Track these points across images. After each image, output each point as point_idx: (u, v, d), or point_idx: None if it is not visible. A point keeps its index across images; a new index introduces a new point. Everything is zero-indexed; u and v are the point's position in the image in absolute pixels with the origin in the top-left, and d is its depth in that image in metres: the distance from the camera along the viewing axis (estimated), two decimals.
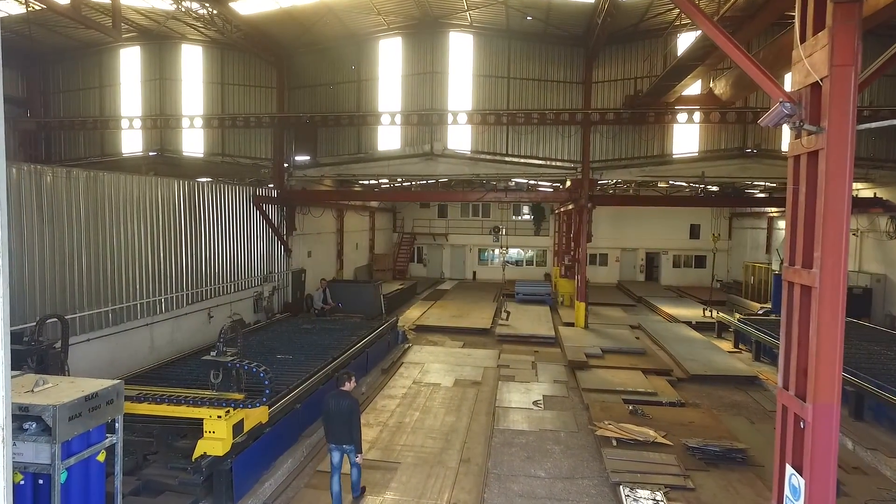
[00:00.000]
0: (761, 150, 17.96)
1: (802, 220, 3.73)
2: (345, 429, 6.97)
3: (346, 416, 6.96)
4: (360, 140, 20.11)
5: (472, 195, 19.67)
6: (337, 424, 7.01)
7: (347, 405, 7.01)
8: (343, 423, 6.96)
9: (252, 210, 17.51)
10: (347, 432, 6.97)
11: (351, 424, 6.95)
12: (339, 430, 7.01)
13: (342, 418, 6.96)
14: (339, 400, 7.09)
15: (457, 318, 19.93)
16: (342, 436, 7.01)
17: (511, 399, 11.97)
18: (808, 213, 3.67)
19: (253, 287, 17.61)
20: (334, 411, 7.02)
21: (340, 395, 7.19)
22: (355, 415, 7.01)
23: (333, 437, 7.09)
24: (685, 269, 33.36)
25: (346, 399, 7.10)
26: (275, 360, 11.31)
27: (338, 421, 6.99)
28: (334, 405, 7.06)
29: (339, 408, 7.01)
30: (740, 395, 12.74)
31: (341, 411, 6.98)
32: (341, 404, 7.03)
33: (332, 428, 7.07)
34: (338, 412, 6.99)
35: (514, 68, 19.03)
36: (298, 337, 13.62)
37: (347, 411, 6.97)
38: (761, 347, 15.44)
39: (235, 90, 20.51)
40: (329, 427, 7.12)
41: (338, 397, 7.14)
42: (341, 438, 7.03)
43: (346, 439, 7.01)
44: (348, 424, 6.95)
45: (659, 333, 17.87)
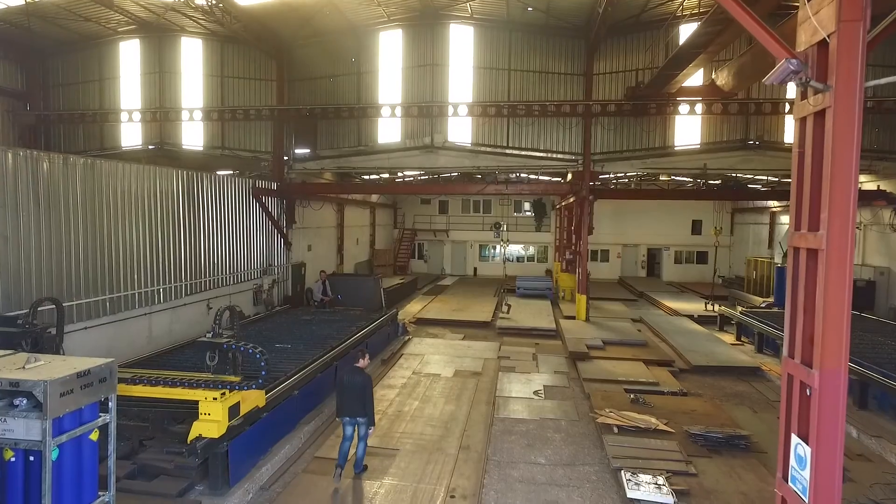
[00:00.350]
0: (764, 141, 17.84)
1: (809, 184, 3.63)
2: (357, 403, 7.28)
3: (360, 390, 7.28)
4: (360, 133, 20.03)
5: (473, 187, 19.55)
6: (350, 399, 7.32)
7: (360, 381, 7.34)
8: (356, 398, 7.28)
9: (252, 202, 17.44)
10: (360, 406, 7.28)
11: (364, 399, 7.26)
12: (352, 404, 7.33)
13: (355, 393, 7.29)
14: (353, 376, 7.44)
15: (457, 312, 19.85)
16: (355, 410, 7.33)
17: (511, 389, 11.88)
18: (814, 175, 3.57)
19: (252, 279, 17.54)
20: (348, 386, 7.36)
21: (354, 371, 7.54)
22: (368, 390, 7.32)
23: (346, 411, 7.40)
24: (687, 265, 33.22)
25: (359, 375, 7.43)
26: (273, 349, 11.21)
27: (351, 395, 7.31)
28: (348, 380, 7.42)
29: (352, 383, 7.35)
30: (743, 385, 12.62)
31: (354, 386, 7.31)
32: (354, 380, 7.37)
33: (346, 402, 7.38)
34: (351, 387, 7.33)
35: (515, 60, 18.93)
36: (298, 327, 13.54)
37: (360, 386, 7.29)
38: (764, 339, 15.32)
39: (235, 83, 20.45)
40: (342, 401, 7.43)
41: (351, 373, 7.50)
42: (354, 412, 7.35)
43: (358, 413, 7.32)
44: (361, 399, 7.26)
45: (661, 326, 17.76)
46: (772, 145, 17.93)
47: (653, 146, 18.40)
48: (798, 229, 3.73)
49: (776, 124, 17.90)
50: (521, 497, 7.24)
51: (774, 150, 17.87)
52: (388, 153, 19.37)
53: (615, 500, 7.14)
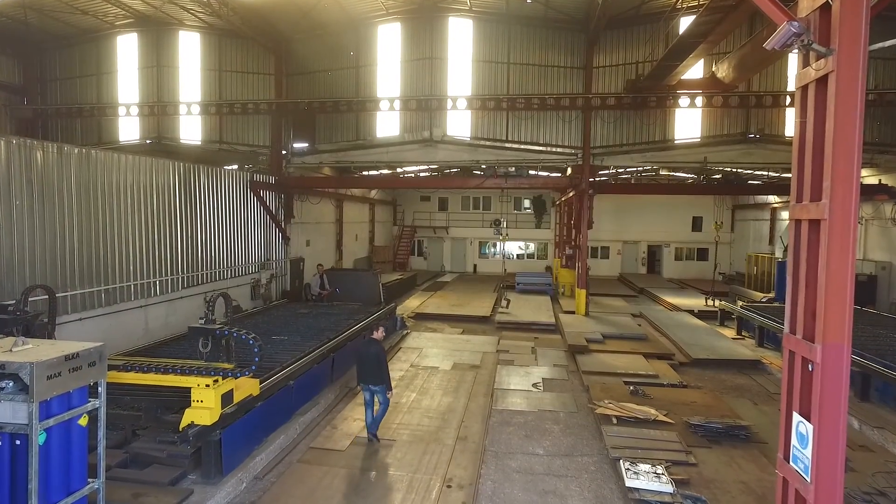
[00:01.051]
0: (764, 135, 17.73)
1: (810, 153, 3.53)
2: (374, 371, 8.05)
3: (375, 360, 8.06)
4: (358, 127, 19.93)
5: (471, 181, 19.46)
6: (367, 367, 8.12)
7: (375, 351, 8.12)
8: (372, 366, 8.06)
9: (249, 196, 17.35)
10: (377, 374, 8.05)
11: (380, 367, 8.04)
12: (369, 372, 8.12)
13: (371, 362, 8.07)
14: (369, 346, 8.26)
15: (457, 307, 19.75)
16: (372, 377, 8.09)
17: (510, 382, 11.78)
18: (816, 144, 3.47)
19: (250, 273, 17.45)
20: (364, 356, 8.18)
21: (370, 342, 8.36)
22: (382, 358, 8.13)
23: (364, 378, 8.20)
24: (687, 261, 33.10)
25: (374, 346, 8.22)
26: (270, 341, 11.14)
27: (368, 364, 8.11)
28: (364, 350, 8.26)
29: (368, 353, 8.16)
30: (743, 378, 12.52)
31: (370, 356, 8.11)
32: (370, 350, 8.17)
33: (363, 370, 8.19)
34: (367, 356, 8.14)
35: (515, 53, 18.83)
36: (295, 320, 13.45)
37: (375, 356, 8.08)
38: (765, 333, 15.22)
39: (233, 77, 20.36)
40: (360, 370, 8.26)
41: (367, 344, 8.35)
42: (371, 380, 8.11)
43: (375, 380, 8.08)
44: (377, 367, 8.04)
45: (661, 321, 17.65)
46: (773, 139, 17.81)
47: (653, 140, 18.30)
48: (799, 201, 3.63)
49: (777, 118, 17.78)
50: (518, 487, 7.14)
51: (776, 143, 17.75)
52: (387, 147, 19.27)
53: (614, 490, 7.04)
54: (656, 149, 18.22)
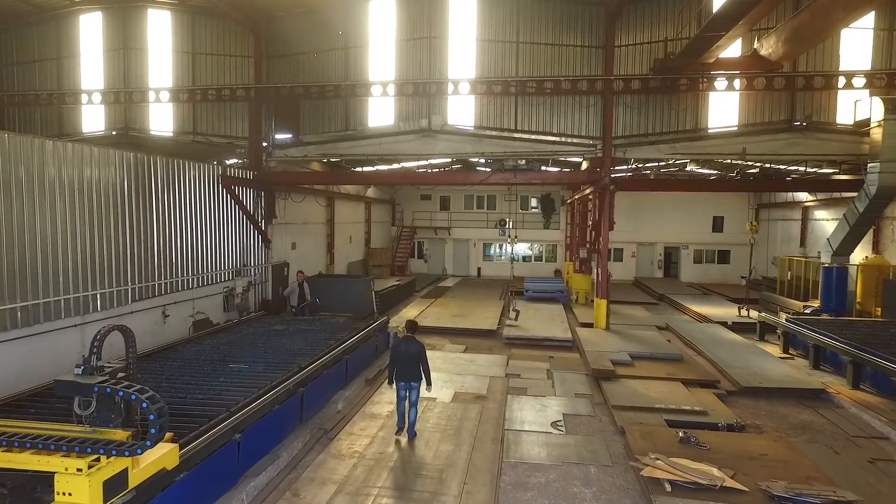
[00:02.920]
0: (812, 122, 15.44)
1: None
2: (413, 369, 8.35)
3: (416, 358, 8.34)
4: (347, 115, 17.74)
5: (476, 176, 17.21)
6: (406, 366, 8.36)
7: (416, 349, 8.39)
8: (412, 364, 8.34)
9: (222, 194, 15.18)
10: (415, 372, 8.36)
11: (421, 365, 8.37)
12: (407, 370, 8.37)
13: (412, 360, 8.33)
14: (409, 345, 8.42)
15: (459, 318, 17.53)
16: (411, 375, 8.38)
17: (523, 419, 9.57)
18: None
19: (223, 282, 15.26)
20: (405, 354, 8.37)
21: (409, 340, 8.50)
22: (424, 356, 8.43)
23: (403, 376, 8.41)
24: (707, 264, 30.84)
25: (414, 344, 8.43)
26: (224, 371, 8.98)
27: (408, 363, 8.34)
28: (404, 349, 8.41)
29: (408, 351, 8.37)
30: (808, 413, 10.27)
31: (411, 354, 8.35)
32: (410, 348, 8.39)
33: (402, 369, 8.40)
34: (408, 355, 8.34)
35: (524, 32, 16.59)
36: (265, 340, 11.27)
37: (416, 354, 8.36)
38: (821, 353, 12.96)
39: (208, 60, 18.19)
40: (399, 368, 8.43)
41: (407, 342, 8.47)
42: (410, 377, 8.38)
43: (414, 377, 8.37)
44: (416, 365, 8.35)
45: (692, 335, 15.41)
46: (822, 127, 15.50)
47: (683, 129, 16.03)
48: None
49: (828, 102, 15.50)
50: None
51: (826, 131, 15.46)
52: (380, 138, 17.05)
53: None
54: (687, 139, 15.94)
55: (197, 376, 8.68)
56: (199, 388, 8.05)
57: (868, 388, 11.31)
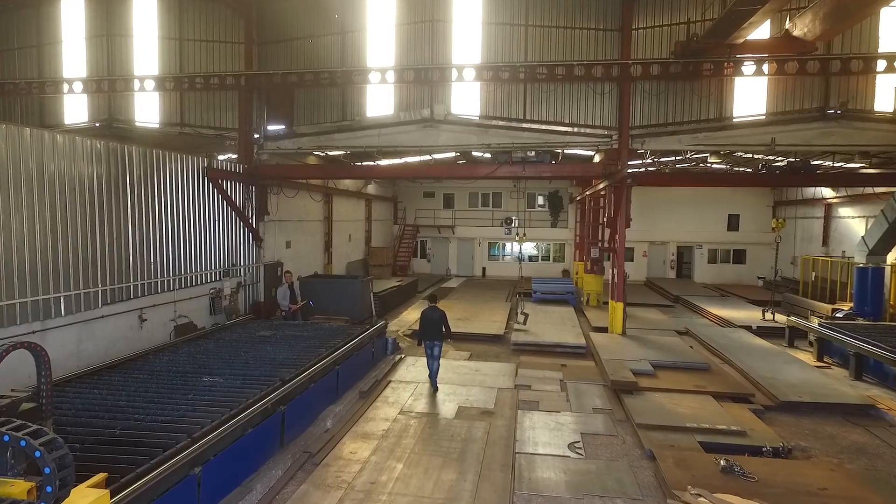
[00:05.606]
0: (847, 110, 14.19)
1: None
2: (435, 330, 10.51)
3: (438, 322, 10.56)
4: (344, 104, 16.63)
5: (482, 170, 16.03)
6: (431, 328, 10.53)
7: (439, 315, 10.59)
8: (435, 327, 10.52)
9: (209, 188, 14.09)
10: (437, 333, 10.51)
11: (443, 327, 10.57)
12: (431, 332, 10.53)
13: (435, 325, 10.54)
14: (432, 312, 10.64)
15: (463, 322, 16.37)
16: (434, 335, 10.51)
17: (537, 439, 8.42)
18: None
19: (209, 283, 14.16)
20: (429, 319, 10.59)
21: (432, 309, 10.72)
22: (445, 321, 10.63)
23: (427, 336, 10.56)
24: (722, 264, 29.56)
25: (437, 312, 10.65)
26: (196, 386, 7.86)
27: (432, 326, 10.53)
28: (430, 315, 10.62)
29: (432, 317, 10.58)
30: (859, 433, 9.07)
31: (434, 319, 10.57)
32: (434, 315, 10.60)
33: (427, 330, 10.55)
34: (432, 319, 10.57)
35: (534, 14, 15.43)
36: (248, 348, 10.18)
37: (438, 319, 10.56)
38: (863, 362, 11.75)
39: (196, 47, 17.10)
40: (424, 330, 10.58)
41: (431, 311, 10.68)
42: (433, 337, 10.52)
43: (436, 337, 10.50)
44: (438, 328, 10.53)
45: (716, 341, 14.22)
46: (860, 114, 14.25)
47: (706, 118, 14.82)
48: None
49: (865, 87, 14.26)
50: None
51: (863, 119, 14.21)
52: (379, 128, 15.91)
53: None
54: (710, 129, 14.72)
55: (163, 392, 7.58)
56: (162, 407, 6.94)
57: None
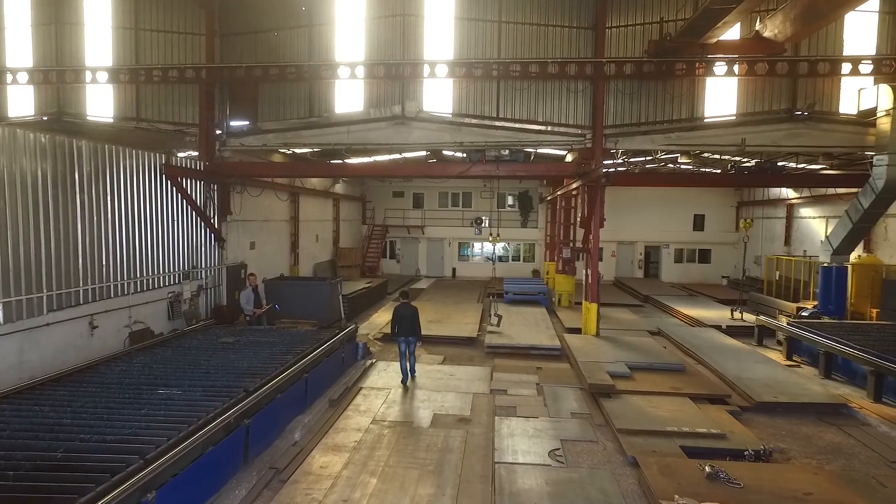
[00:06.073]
0: (815, 112, 14.40)
1: None
2: (410, 327, 10.72)
3: (411, 318, 10.78)
4: (312, 100, 16.04)
5: (455, 168, 15.68)
6: (405, 324, 10.72)
7: (411, 312, 10.84)
8: (409, 324, 10.73)
9: (167, 186, 13.32)
10: (411, 329, 10.73)
11: (414, 324, 10.78)
12: (405, 328, 10.71)
13: (408, 321, 10.74)
14: (405, 309, 10.84)
15: (435, 324, 15.99)
16: (408, 331, 10.70)
17: (516, 448, 8.11)
18: None
19: (168, 286, 13.40)
20: (403, 315, 10.77)
21: (405, 305, 10.90)
22: (417, 317, 10.88)
23: (401, 332, 10.73)
24: (688, 264, 30.05)
25: (409, 308, 10.88)
26: (150, 400, 7.26)
27: (405, 322, 10.73)
28: (403, 312, 10.80)
29: (406, 313, 10.78)
30: (833, 432, 9.09)
31: (407, 315, 10.77)
32: (407, 311, 10.81)
33: (401, 327, 10.74)
34: (405, 316, 10.76)
35: (507, 10, 15.17)
36: (209, 356, 9.57)
37: (411, 315, 10.80)
38: (832, 361, 11.88)
39: (153, 37, 16.23)
40: (399, 326, 10.76)
41: (404, 307, 10.85)
42: (408, 333, 10.71)
43: (411, 333, 10.74)
44: (412, 324, 10.76)
45: (688, 341, 14.24)
46: (825, 116, 14.49)
47: (678, 118, 14.83)
48: None
49: (830, 90, 14.51)
50: None
51: (829, 121, 14.45)
52: (349, 125, 15.37)
53: None
54: (682, 129, 14.74)
55: (114, 407, 6.96)
56: (112, 424, 6.35)
57: (891, 400, 10.23)
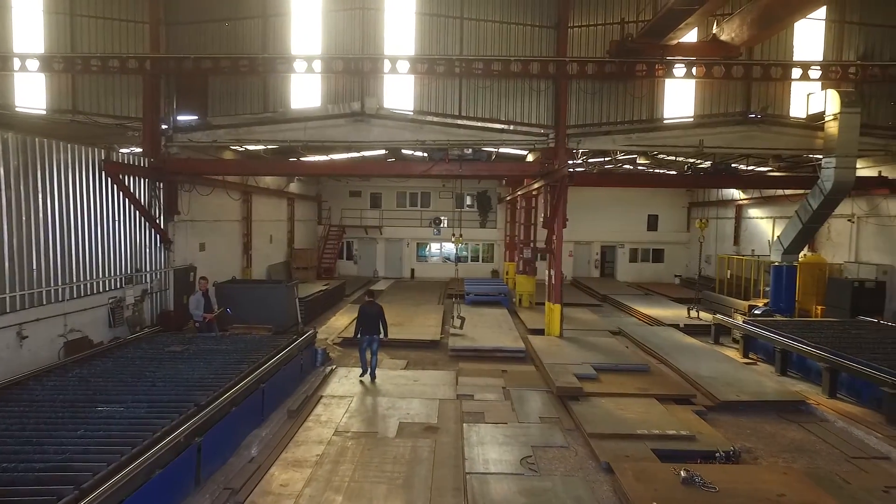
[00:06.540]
0: (767, 115, 14.79)
1: None
2: (374, 325, 10.96)
3: (376, 317, 11.01)
4: (267, 95, 15.30)
5: (418, 167, 15.26)
6: (369, 323, 10.99)
7: (376, 311, 11.06)
8: (373, 322, 10.97)
9: (108, 183, 12.37)
10: (376, 327, 10.97)
11: (380, 322, 11.01)
12: (370, 326, 10.98)
13: (373, 319, 10.99)
14: (370, 308, 11.07)
15: (397, 327, 15.53)
16: (372, 329, 10.96)
17: (487, 457, 7.81)
18: None
19: (109, 290, 12.44)
20: (368, 314, 11.03)
21: (370, 304, 11.15)
22: (382, 316, 11.09)
23: (366, 330, 11.01)
24: (642, 263, 30.71)
25: (374, 307, 11.11)
26: (88, 418, 6.57)
27: (370, 321, 10.99)
28: (367, 310, 11.05)
29: (370, 312, 11.02)
30: (794, 430, 9.24)
31: (372, 315, 11.01)
32: (371, 310, 11.04)
33: (366, 325, 11.02)
34: (370, 315, 11.01)
35: (469, 6, 14.90)
36: (155, 367, 8.84)
37: (376, 314, 11.02)
38: (789, 358, 12.17)
39: (91, 24, 15.09)
40: (363, 325, 11.04)
41: (368, 306, 11.11)
42: (372, 331, 10.97)
43: (375, 331, 10.97)
44: (377, 322, 10.98)
45: (649, 341, 14.35)
46: (777, 119, 14.90)
47: (638, 118, 14.94)
48: None
49: (781, 94, 14.94)
50: None
51: (781, 125, 14.87)
52: (305, 122, 14.72)
53: None
54: (643, 129, 14.86)
55: (45, 429, 6.24)
56: (42, 450, 5.66)
57: (845, 396, 10.52)
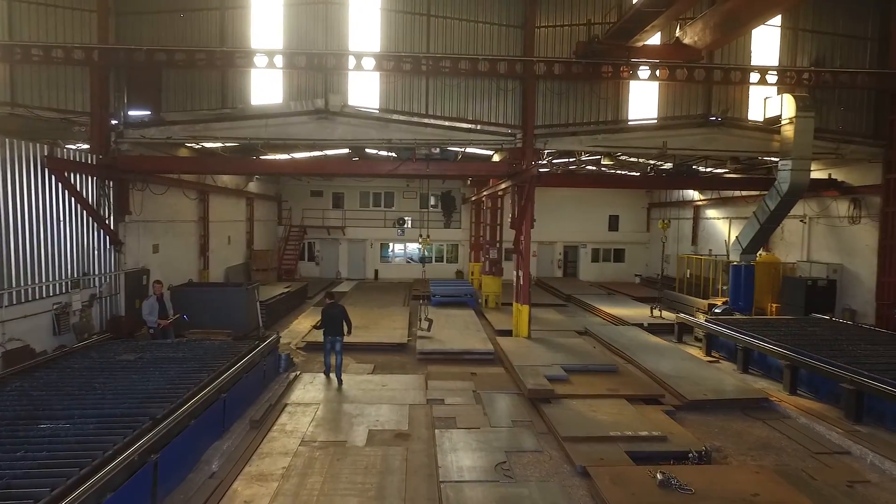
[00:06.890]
0: (727, 118, 15.14)
1: None
2: (337, 326, 11.01)
3: (339, 318, 11.11)
4: (225, 90, 14.67)
5: (384, 166, 14.90)
6: (332, 324, 11.04)
7: (338, 311, 11.21)
8: (336, 323, 11.04)
9: (51, 182, 11.57)
10: (339, 328, 11.02)
11: (342, 323, 11.09)
12: (333, 327, 11.02)
13: (336, 320, 11.06)
14: (332, 309, 11.22)
15: (363, 330, 15.15)
16: (335, 330, 11.00)
17: (461, 464, 7.60)
18: None
19: (53, 296, 11.63)
20: (331, 315, 11.11)
21: (332, 305, 11.32)
22: (345, 316, 11.22)
23: (329, 331, 11.03)
24: (603, 263, 31.17)
25: (336, 307, 11.27)
26: (29, 438, 6.02)
27: (333, 322, 11.05)
28: (330, 311, 11.17)
29: (333, 313, 11.13)
30: (760, 427, 9.41)
31: (335, 315, 11.10)
32: (334, 311, 11.17)
33: (329, 326, 11.05)
34: (333, 315, 11.10)
35: (437, 3, 14.67)
36: (105, 378, 8.26)
37: (339, 315, 11.13)
38: (750, 356, 12.45)
39: (31, 10, 14.12)
40: (327, 326, 11.07)
41: (331, 307, 11.25)
42: (336, 332, 11.01)
43: (338, 332, 11.02)
44: (339, 323, 11.05)
45: (615, 341, 14.46)
46: (737, 122, 15.27)
47: (604, 119, 15.03)
48: None
49: (740, 98, 15.31)
50: None
51: (740, 127, 15.24)
52: (266, 119, 14.16)
53: None
54: (608, 130, 14.96)
55: None
56: None
57: (805, 392, 10.82)
